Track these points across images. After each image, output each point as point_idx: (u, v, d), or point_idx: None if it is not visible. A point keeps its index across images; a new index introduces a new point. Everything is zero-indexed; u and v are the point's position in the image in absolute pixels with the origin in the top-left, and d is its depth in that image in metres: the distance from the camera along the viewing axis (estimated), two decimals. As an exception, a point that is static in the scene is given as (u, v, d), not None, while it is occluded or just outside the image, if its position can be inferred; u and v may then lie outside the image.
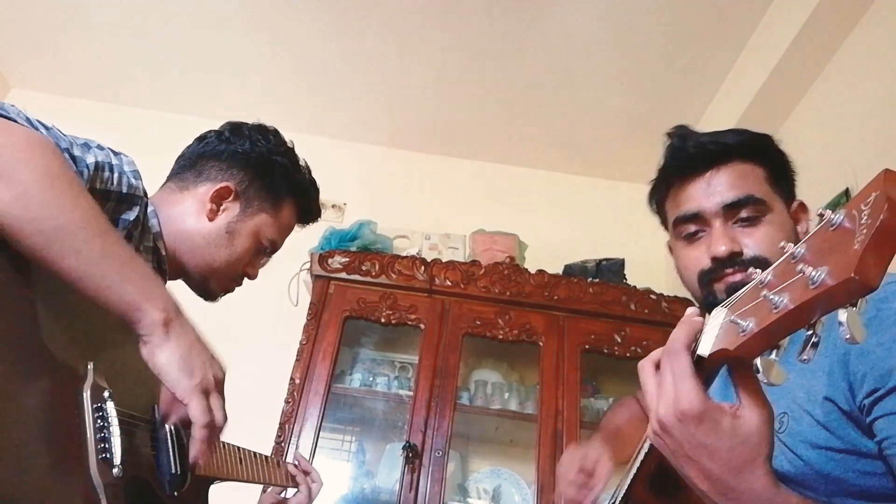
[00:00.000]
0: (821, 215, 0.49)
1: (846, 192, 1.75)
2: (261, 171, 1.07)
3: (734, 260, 0.86)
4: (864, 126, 1.78)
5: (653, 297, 2.29)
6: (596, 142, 2.83)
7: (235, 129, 1.10)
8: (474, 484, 2.26)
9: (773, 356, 0.52)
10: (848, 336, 0.46)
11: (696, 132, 0.96)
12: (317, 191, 1.18)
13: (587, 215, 2.88)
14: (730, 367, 0.59)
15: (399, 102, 2.77)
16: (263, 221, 1.06)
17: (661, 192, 1.00)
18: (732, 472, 0.58)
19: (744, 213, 0.87)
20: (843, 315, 0.46)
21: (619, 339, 2.24)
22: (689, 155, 0.93)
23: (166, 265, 1.00)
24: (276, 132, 1.12)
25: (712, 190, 0.90)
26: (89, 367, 0.71)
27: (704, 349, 0.57)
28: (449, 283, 2.28)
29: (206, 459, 0.75)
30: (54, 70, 2.81)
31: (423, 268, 2.30)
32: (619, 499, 0.83)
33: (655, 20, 2.22)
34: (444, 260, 2.36)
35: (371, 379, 2.28)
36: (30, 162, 0.64)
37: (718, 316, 0.58)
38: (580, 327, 2.26)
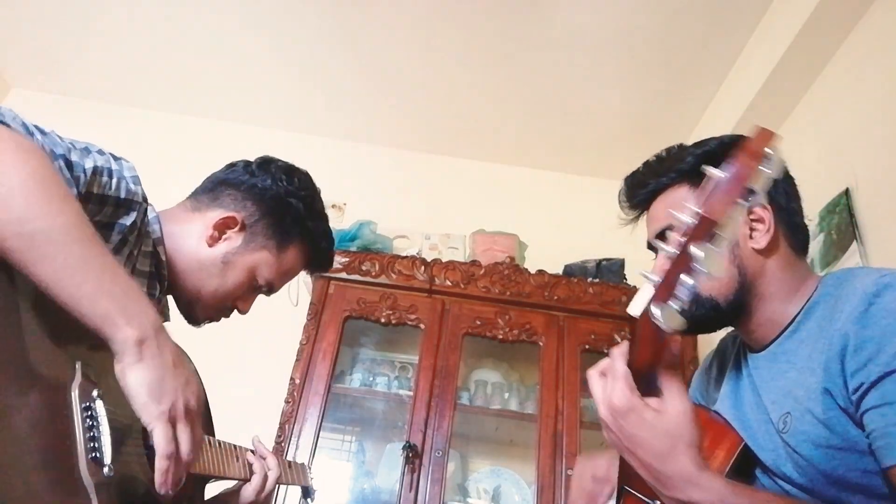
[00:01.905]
0: (704, 173, 0.59)
1: (846, 192, 1.76)
2: (273, 209, 1.05)
3: None
4: (864, 126, 1.78)
5: (653, 297, 2.28)
6: (596, 142, 2.83)
7: (264, 163, 1.08)
8: (474, 484, 2.26)
9: (672, 304, 0.59)
10: (701, 268, 0.54)
11: (648, 173, 1.00)
12: (330, 241, 1.15)
13: (587, 215, 2.88)
14: (658, 371, 0.68)
15: (399, 103, 2.77)
16: (263, 259, 1.04)
17: None
18: (658, 458, 0.68)
19: (673, 239, 0.92)
20: (694, 249, 0.54)
21: (619, 339, 2.24)
22: (642, 194, 1.01)
23: (165, 270, 0.99)
24: (305, 175, 1.10)
25: (648, 222, 0.99)
26: (77, 366, 0.71)
27: (635, 310, 0.64)
28: (449, 283, 2.28)
29: (174, 490, 0.72)
30: (54, 70, 2.81)
31: (423, 268, 2.30)
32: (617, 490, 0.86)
33: (655, 20, 2.23)
34: (444, 260, 2.36)
35: (371, 379, 2.28)
36: (15, 165, 0.64)
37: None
38: (580, 327, 2.26)
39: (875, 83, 1.77)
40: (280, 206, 1.05)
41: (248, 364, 2.37)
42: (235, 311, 1.07)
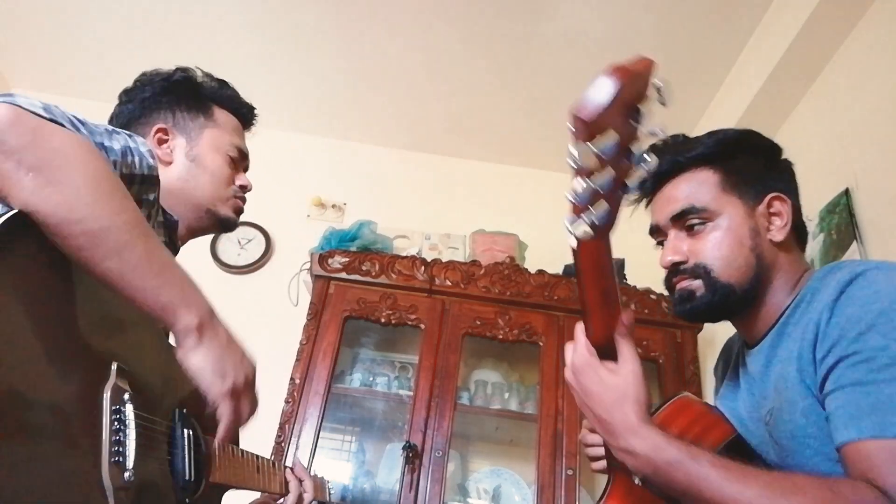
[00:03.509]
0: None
1: (846, 192, 1.76)
2: (173, 99, 1.09)
3: (678, 269, 0.92)
4: (864, 126, 1.78)
5: (653, 297, 2.29)
6: (596, 142, 2.83)
7: (126, 90, 1.13)
8: (474, 484, 2.26)
9: (582, 216, 0.63)
10: (573, 164, 0.59)
11: (661, 152, 0.98)
12: (231, 87, 1.19)
13: (587, 215, 2.88)
14: (616, 338, 0.75)
15: (399, 103, 2.77)
16: (211, 136, 1.08)
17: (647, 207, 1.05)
18: (607, 410, 0.75)
19: (690, 222, 0.91)
20: (572, 148, 0.58)
21: (619, 339, 2.24)
22: (655, 177, 0.99)
23: (176, 234, 1.02)
24: (158, 70, 1.15)
25: (663, 203, 0.96)
26: (113, 367, 0.71)
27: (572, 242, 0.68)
28: (449, 283, 2.28)
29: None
30: (54, 70, 2.81)
31: (423, 268, 2.30)
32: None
33: (655, 21, 2.22)
34: (444, 260, 2.36)
35: (371, 379, 2.28)
36: (78, 166, 0.66)
37: None
38: (580, 327, 2.26)
39: (875, 83, 1.77)
40: (173, 92, 1.10)
41: (248, 364, 2.37)
42: (244, 191, 1.12)
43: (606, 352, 0.76)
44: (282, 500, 1.23)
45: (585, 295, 0.73)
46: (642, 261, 2.58)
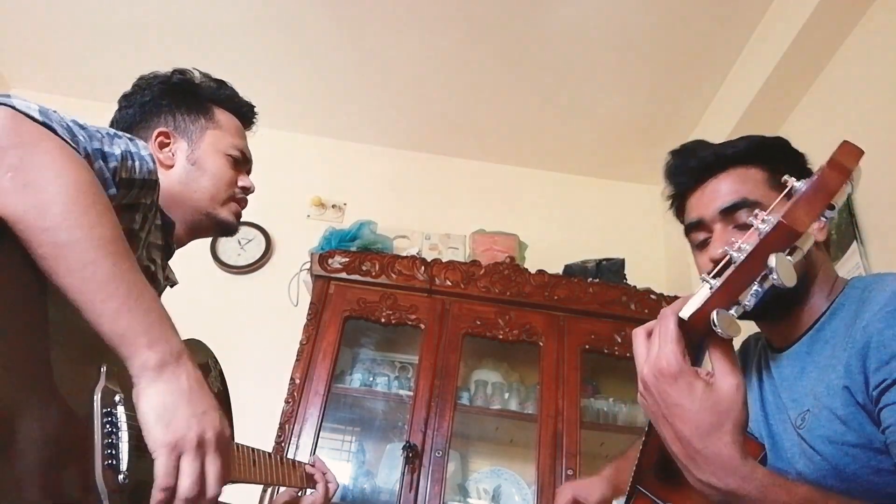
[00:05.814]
0: (784, 182, 0.58)
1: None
2: (173, 102, 1.09)
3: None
4: (864, 126, 1.78)
5: (653, 297, 2.29)
6: (596, 142, 2.83)
7: (124, 96, 1.13)
8: (474, 484, 2.26)
9: (731, 312, 0.57)
10: (775, 279, 0.52)
11: (698, 147, 0.99)
12: (230, 87, 1.18)
13: (587, 215, 2.88)
14: (707, 339, 0.62)
15: (400, 103, 2.77)
16: (213, 138, 1.08)
17: (677, 207, 1.04)
18: (700, 434, 0.61)
19: (741, 217, 0.90)
20: (772, 259, 0.52)
21: (619, 339, 2.24)
22: (689, 169, 0.98)
23: (172, 236, 1.01)
24: (156, 73, 1.14)
25: (711, 197, 0.94)
26: (102, 370, 0.70)
27: (686, 312, 0.61)
28: (449, 283, 2.28)
29: None
30: (54, 70, 2.81)
31: (423, 268, 2.30)
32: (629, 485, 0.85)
33: (655, 20, 2.22)
34: (444, 260, 2.36)
35: (371, 379, 2.28)
36: (58, 173, 0.64)
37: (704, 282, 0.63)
38: (580, 327, 2.26)
39: (875, 83, 1.77)
40: (172, 94, 1.10)
41: (248, 364, 2.37)
42: (246, 193, 1.11)
43: (691, 352, 0.64)
44: (309, 493, 1.27)
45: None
46: (642, 261, 2.60)
